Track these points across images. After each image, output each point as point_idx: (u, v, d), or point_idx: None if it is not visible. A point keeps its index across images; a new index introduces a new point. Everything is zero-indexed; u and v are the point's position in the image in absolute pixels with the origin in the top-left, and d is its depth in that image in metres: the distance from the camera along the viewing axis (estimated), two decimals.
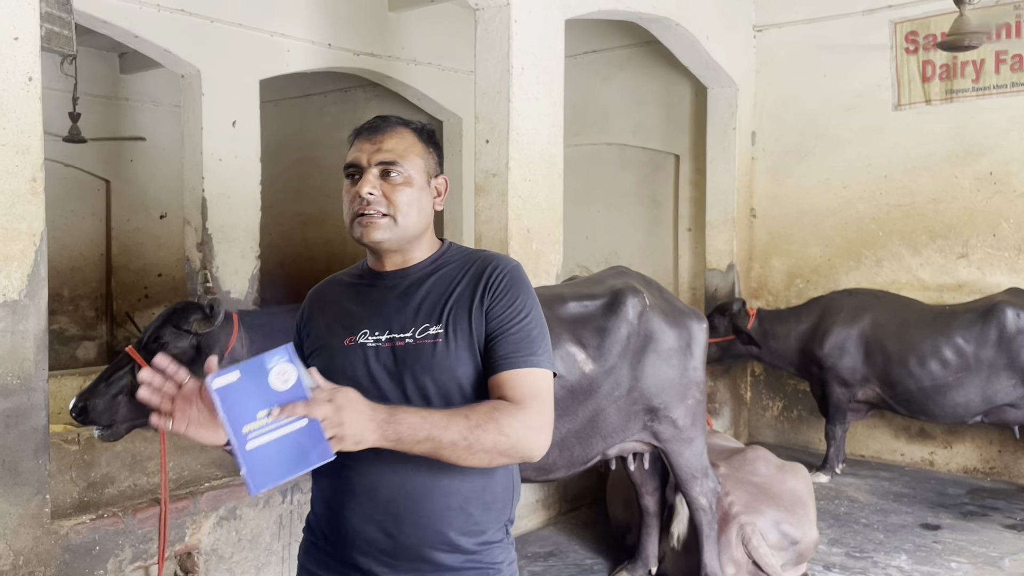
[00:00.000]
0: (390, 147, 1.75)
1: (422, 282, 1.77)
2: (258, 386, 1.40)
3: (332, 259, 9.71)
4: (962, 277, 6.05)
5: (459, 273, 1.77)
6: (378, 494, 1.69)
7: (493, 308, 1.71)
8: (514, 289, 1.74)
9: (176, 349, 3.22)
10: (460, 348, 1.70)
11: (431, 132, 1.84)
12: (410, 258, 1.80)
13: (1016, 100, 5.83)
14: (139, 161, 9.59)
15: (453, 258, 1.82)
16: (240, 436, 1.38)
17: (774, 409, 6.96)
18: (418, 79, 7.58)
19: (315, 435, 1.41)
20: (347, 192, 1.78)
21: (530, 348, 1.70)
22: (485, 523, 1.74)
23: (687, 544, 3.91)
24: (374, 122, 1.81)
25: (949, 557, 4.46)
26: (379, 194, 1.72)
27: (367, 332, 1.74)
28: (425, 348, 1.69)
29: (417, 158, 1.77)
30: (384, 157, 1.73)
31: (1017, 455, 5.86)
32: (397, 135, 1.77)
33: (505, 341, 1.69)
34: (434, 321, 1.71)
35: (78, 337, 9.39)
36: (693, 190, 7.45)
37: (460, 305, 1.72)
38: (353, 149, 1.79)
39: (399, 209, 1.73)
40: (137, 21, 5.85)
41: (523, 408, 1.62)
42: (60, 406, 4.82)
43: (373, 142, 1.76)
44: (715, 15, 6.36)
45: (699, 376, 3.71)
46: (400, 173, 1.74)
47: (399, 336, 1.72)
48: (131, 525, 3.03)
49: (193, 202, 6.30)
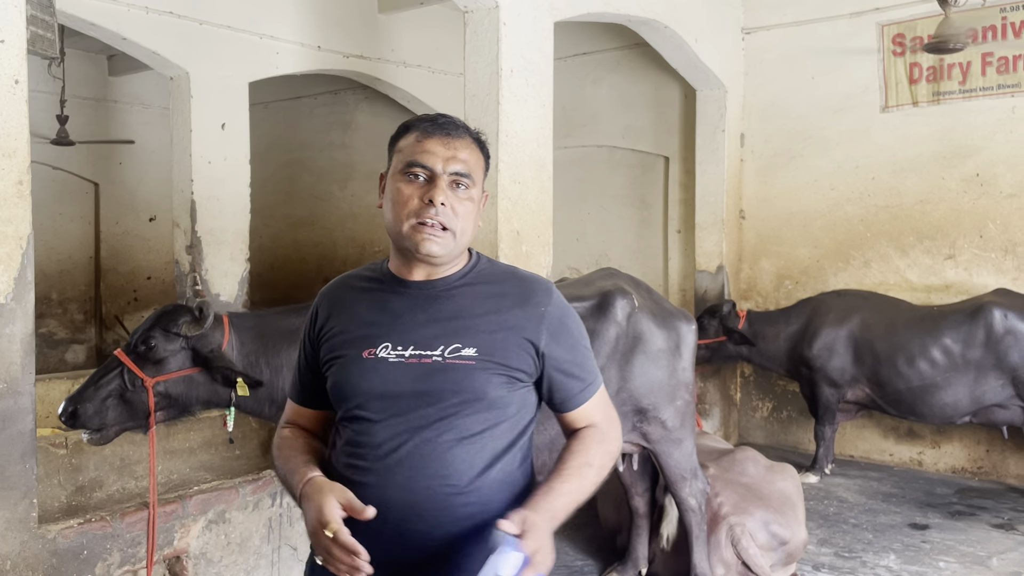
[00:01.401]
0: (464, 158, 1.67)
1: (451, 297, 1.70)
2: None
3: (322, 261, 9.69)
4: (949, 278, 6.09)
5: (493, 295, 1.72)
6: (388, 515, 1.63)
7: (551, 350, 1.72)
8: (566, 323, 1.76)
9: (165, 352, 3.21)
10: (494, 372, 1.66)
11: (487, 144, 1.78)
12: (442, 270, 1.72)
13: (1002, 102, 5.88)
14: (128, 164, 9.56)
15: (484, 274, 1.76)
16: None
17: (764, 410, 6.98)
18: (408, 81, 7.58)
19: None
20: (406, 191, 1.66)
21: (592, 375, 1.79)
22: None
23: (677, 545, 3.91)
24: (444, 123, 1.70)
25: (937, 557, 4.49)
26: (448, 206, 1.64)
27: (388, 346, 1.67)
28: (456, 368, 1.64)
29: (480, 173, 1.72)
30: (460, 168, 1.66)
31: (1005, 455, 5.90)
32: (468, 146, 1.70)
33: (571, 379, 1.76)
34: (467, 343, 1.65)
35: (67, 340, 9.34)
36: (682, 192, 7.47)
37: (503, 336, 1.67)
38: (419, 147, 1.67)
39: (460, 224, 1.66)
40: (125, 23, 5.82)
41: (610, 426, 1.81)
42: (48, 410, 4.79)
43: (448, 147, 1.66)
44: (704, 18, 6.38)
45: (688, 377, 3.73)
46: (468, 188, 1.67)
47: (425, 352, 1.65)
48: (119, 529, 3.01)
49: (182, 205, 6.27)
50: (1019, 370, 5.18)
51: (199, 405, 3.30)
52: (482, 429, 1.66)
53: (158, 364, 3.18)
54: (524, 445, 1.76)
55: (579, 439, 1.76)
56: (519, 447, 1.73)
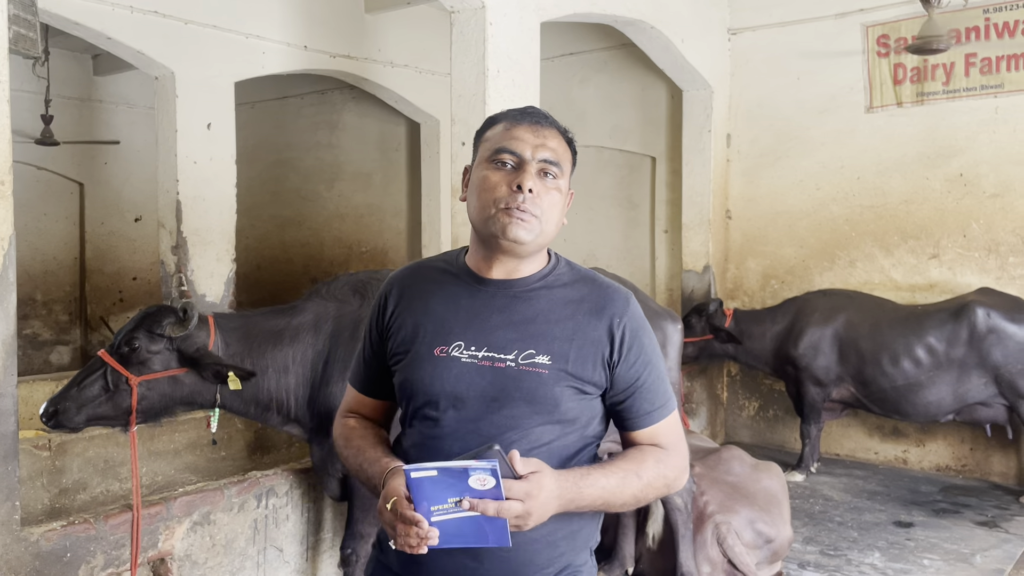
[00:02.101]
0: (554, 146, 1.64)
1: (528, 299, 1.66)
2: (455, 484, 1.42)
3: (309, 262, 9.67)
4: (933, 277, 6.13)
5: (571, 300, 1.67)
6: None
7: (622, 364, 1.65)
8: (640, 337, 1.68)
9: (149, 353, 3.19)
10: (566, 383, 1.62)
11: (574, 142, 1.75)
12: (524, 269, 1.68)
13: (985, 103, 5.92)
14: (113, 164, 9.51)
15: (562, 276, 1.71)
16: (425, 511, 1.44)
17: (750, 409, 7.01)
18: (395, 81, 7.57)
19: (499, 524, 1.44)
20: (493, 177, 1.62)
21: (665, 395, 1.71)
22: (570, 553, 1.69)
23: (663, 544, 3.93)
24: (533, 112, 1.68)
25: (922, 554, 4.52)
26: (537, 193, 1.60)
27: (461, 345, 1.62)
28: (529, 376, 1.60)
29: (568, 165, 1.68)
30: (549, 156, 1.63)
31: (988, 453, 5.95)
32: (557, 136, 1.67)
33: (643, 397, 1.68)
34: (541, 350, 1.61)
35: (51, 341, 9.28)
36: (669, 192, 7.49)
37: (577, 345, 1.63)
38: (507, 135, 1.64)
39: (548, 214, 1.62)
40: (110, 23, 5.79)
41: (675, 454, 1.69)
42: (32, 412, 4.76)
43: (537, 135, 1.64)
44: (690, 18, 6.40)
45: (674, 377, 3.74)
46: (556, 178, 1.64)
47: (499, 356, 1.61)
48: (103, 531, 3.00)
49: (168, 205, 6.24)
50: (1002, 368, 5.23)
51: (182, 406, 3.29)
52: (551, 440, 1.62)
53: (142, 365, 3.17)
54: (591, 457, 1.71)
55: (639, 450, 1.68)
56: (586, 458, 1.69)
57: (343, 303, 3.43)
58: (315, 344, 3.37)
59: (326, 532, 3.73)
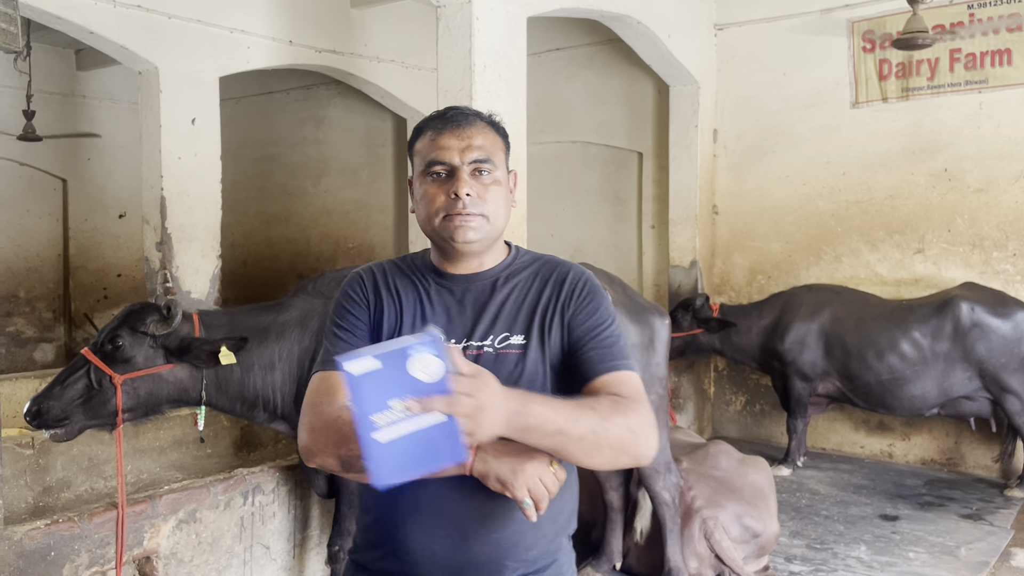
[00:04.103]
0: (480, 144, 1.68)
1: (498, 288, 1.72)
2: (396, 375, 1.26)
3: (296, 258, 9.62)
4: (918, 272, 6.17)
5: (534, 280, 1.73)
6: (444, 508, 1.60)
7: (578, 316, 1.68)
8: (596, 297, 1.71)
9: (133, 351, 3.17)
10: (541, 359, 1.66)
11: (501, 124, 1.78)
12: (485, 262, 1.74)
13: (969, 98, 5.95)
14: (97, 160, 9.43)
15: (524, 263, 1.77)
16: (367, 424, 1.26)
17: (737, 404, 7.04)
18: (381, 76, 7.54)
19: (450, 433, 1.29)
20: (431, 190, 1.67)
21: (623, 353, 1.68)
22: (552, 535, 1.69)
23: (650, 539, 3.94)
24: (452, 115, 1.71)
25: (907, 547, 4.55)
26: (475, 194, 1.65)
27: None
28: (508, 358, 1.65)
29: (501, 154, 1.73)
30: (477, 155, 1.67)
31: (973, 446, 5.99)
32: (482, 131, 1.70)
33: (599, 347, 1.66)
34: (516, 331, 1.67)
35: (35, 339, 9.21)
36: (656, 187, 7.50)
37: (542, 315, 1.68)
38: (434, 145, 1.68)
39: (491, 209, 1.68)
40: (92, 17, 5.73)
41: (638, 406, 1.57)
42: (15, 410, 4.72)
43: (461, 138, 1.67)
44: (676, 14, 6.40)
45: (662, 372, 3.74)
46: (490, 172, 1.68)
47: (478, 344, 1.66)
48: (87, 530, 2.97)
49: (152, 201, 6.19)
50: (985, 362, 5.26)
51: (168, 403, 3.27)
52: None
53: (126, 363, 3.14)
54: None
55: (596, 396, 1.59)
56: None
57: (329, 299, 3.39)
58: (301, 341, 3.36)
59: (313, 529, 3.72)
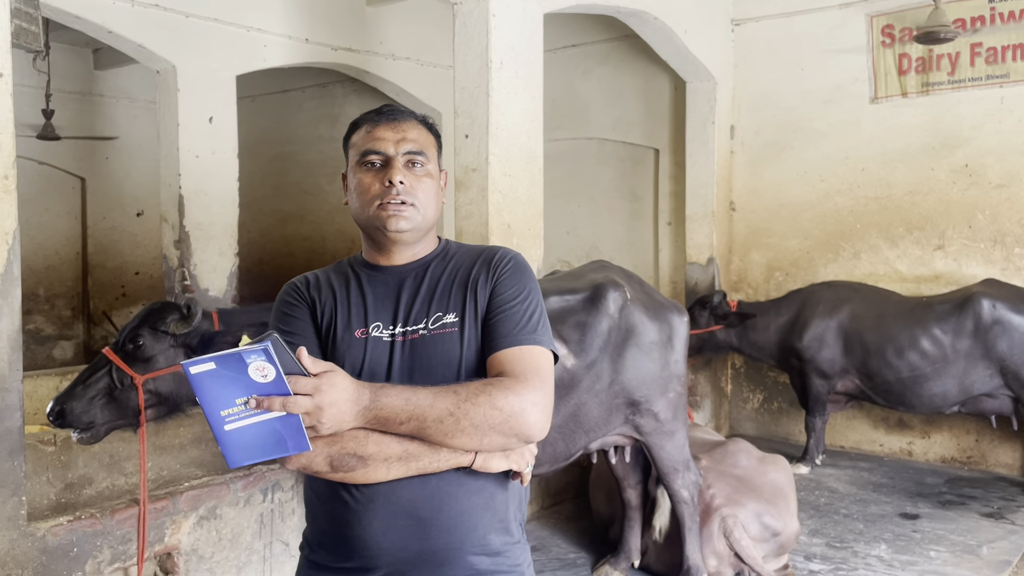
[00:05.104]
0: (414, 137, 1.75)
1: (430, 273, 1.75)
2: (237, 377, 1.38)
3: (312, 255, 9.65)
4: (939, 269, 6.11)
5: (464, 261, 1.77)
6: (399, 497, 1.58)
7: (496, 288, 1.71)
8: (518, 273, 1.74)
9: (154, 350, 3.18)
10: (475, 336, 1.68)
11: (435, 126, 1.85)
12: (417, 252, 1.78)
13: (990, 93, 5.89)
14: (115, 158, 9.49)
15: (456, 252, 1.81)
16: (217, 418, 1.39)
17: (755, 401, 7.00)
18: (397, 74, 7.55)
19: (294, 426, 1.41)
20: (366, 179, 1.72)
21: (531, 327, 1.68)
22: (508, 519, 1.69)
23: (669, 537, 3.92)
24: (388, 111, 1.79)
25: (928, 546, 4.51)
26: (408, 184, 1.71)
27: (379, 325, 1.70)
28: (443, 338, 1.67)
29: (433, 150, 1.79)
30: (411, 147, 1.73)
31: (994, 444, 5.94)
32: (416, 127, 1.77)
33: (507, 319, 1.67)
34: (449, 310, 1.69)
35: (54, 337, 9.28)
36: (673, 184, 7.46)
37: (472, 291, 1.71)
38: (369, 137, 1.74)
39: (422, 200, 1.72)
40: (111, 16, 5.77)
41: (521, 382, 1.57)
42: (36, 407, 4.76)
43: (396, 131, 1.74)
44: (693, 9, 6.37)
45: (680, 369, 3.73)
46: (423, 165, 1.74)
47: (412, 328, 1.68)
48: (109, 526, 2.99)
49: (170, 199, 6.23)
50: (1007, 360, 5.21)
51: (189, 402, 3.28)
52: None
53: (147, 362, 3.16)
54: None
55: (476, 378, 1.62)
56: None
57: None
58: None
59: None
